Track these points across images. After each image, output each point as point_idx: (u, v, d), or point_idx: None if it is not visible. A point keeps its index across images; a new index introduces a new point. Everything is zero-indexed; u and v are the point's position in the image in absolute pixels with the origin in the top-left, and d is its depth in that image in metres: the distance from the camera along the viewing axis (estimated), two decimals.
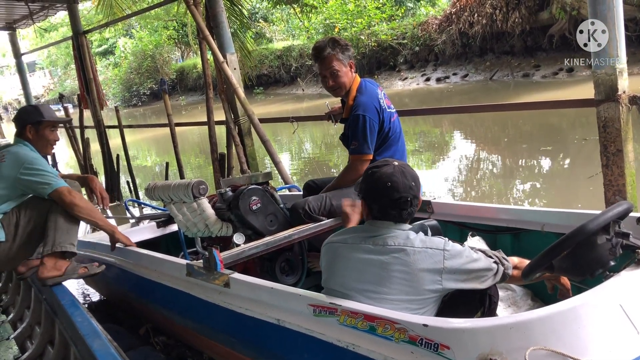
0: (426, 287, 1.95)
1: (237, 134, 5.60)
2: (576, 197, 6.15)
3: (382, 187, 2.03)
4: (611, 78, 3.00)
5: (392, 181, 2.02)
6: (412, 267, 1.95)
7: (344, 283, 2.06)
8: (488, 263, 2.03)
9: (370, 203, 2.11)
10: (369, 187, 2.10)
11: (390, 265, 1.97)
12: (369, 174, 2.11)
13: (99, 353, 2.16)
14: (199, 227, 3.26)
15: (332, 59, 3.14)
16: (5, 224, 3.08)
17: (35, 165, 3.09)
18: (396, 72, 19.46)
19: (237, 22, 9.14)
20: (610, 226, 1.92)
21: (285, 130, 12.68)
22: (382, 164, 2.11)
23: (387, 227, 2.06)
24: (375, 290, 1.98)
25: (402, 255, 1.97)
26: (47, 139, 3.33)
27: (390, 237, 2.03)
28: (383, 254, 2.00)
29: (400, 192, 2.01)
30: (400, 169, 2.06)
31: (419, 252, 1.96)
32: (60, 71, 39.00)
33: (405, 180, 2.03)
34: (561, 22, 14.23)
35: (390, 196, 2.02)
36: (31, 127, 3.28)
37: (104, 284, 4.03)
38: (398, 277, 1.96)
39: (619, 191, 3.08)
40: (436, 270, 1.95)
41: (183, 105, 26.43)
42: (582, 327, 1.64)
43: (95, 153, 8.79)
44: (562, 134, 9.48)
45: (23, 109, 3.44)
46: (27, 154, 3.15)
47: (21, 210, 3.12)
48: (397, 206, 2.03)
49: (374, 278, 1.99)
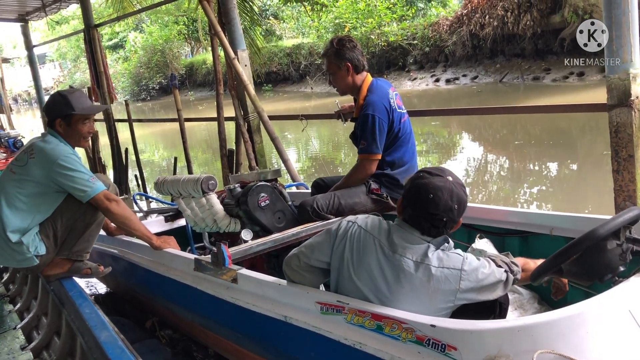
0: (438, 305, 1.92)
1: (246, 131, 5.61)
2: (585, 202, 6.12)
3: (423, 196, 1.93)
4: (624, 83, 2.98)
5: (435, 195, 1.91)
6: (427, 286, 1.90)
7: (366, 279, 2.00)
8: (500, 275, 1.97)
9: (406, 204, 2.01)
10: (412, 190, 1.99)
11: (405, 279, 1.92)
12: (419, 176, 2.00)
13: (106, 344, 2.17)
14: (207, 222, 3.27)
15: (328, 62, 3.22)
16: (45, 237, 2.94)
17: (68, 165, 2.85)
18: (406, 72, 19.42)
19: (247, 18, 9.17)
20: (621, 231, 1.92)
21: (293, 127, 12.69)
22: (436, 172, 1.98)
23: (411, 234, 1.98)
24: (389, 298, 1.94)
25: (419, 273, 1.91)
26: (79, 132, 3.05)
27: (410, 249, 1.95)
28: (400, 266, 1.93)
29: (438, 210, 1.91)
30: (451, 186, 1.94)
31: (435, 272, 1.90)
32: (70, 64, 39.14)
33: (450, 200, 1.91)
34: (573, 26, 14.13)
35: (427, 209, 1.92)
36: (61, 121, 3.01)
37: (110, 276, 4.04)
38: (411, 291, 1.92)
39: (629, 197, 3.06)
40: (451, 291, 1.90)
41: (192, 101, 26.48)
42: (591, 332, 1.64)
43: (103, 146, 8.82)
44: (572, 138, 9.44)
45: (52, 100, 3.08)
46: (57, 150, 2.91)
47: (56, 221, 2.95)
48: (429, 221, 1.94)
49: (389, 285, 1.95)
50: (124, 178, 8.23)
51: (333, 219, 3.06)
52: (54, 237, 2.97)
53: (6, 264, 3.06)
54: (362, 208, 3.12)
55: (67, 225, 2.99)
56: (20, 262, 2.96)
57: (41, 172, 2.88)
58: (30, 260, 2.93)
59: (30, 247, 2.89)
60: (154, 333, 3.52)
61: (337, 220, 3.07)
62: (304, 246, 2.22)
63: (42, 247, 2.94)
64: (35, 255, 2.92)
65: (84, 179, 2.87)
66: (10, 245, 2.88)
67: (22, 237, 2.88)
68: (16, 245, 2.88)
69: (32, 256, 2.92)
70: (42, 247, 2.94)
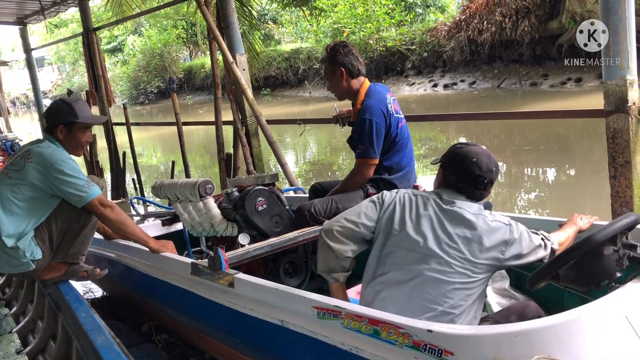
0: (491, 253, 2.03)
1: (244, 135, 5.61)
2: (582, 208, 6.13)
3: (466, 161, 2.13)
4: (621, 89, 2.99)
5: (478, 159, 2.12)
6: (485, 231, 2.03)
7: (422, 231, 2.09)
8: (537, 240, 2.12)
9: (448, 173, 2.19)
10: (452, 158, 2.19)
11: (465, 225, 2.05)
12: (457, 148, 2.21)
13: (102, 349, 2.16)
14: (205, 226, 3.27)
15: (324, 68, 3.27)
16: (40, 241, 2.94)
17: (65, 170, 2.86)
18: (404, 77, 19.45)
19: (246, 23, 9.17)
20: (618, 237, 1.92)
21: (290, 131, 12.70)
22: (471, 143, 2.22)
23: (457, 197, 2.14)
24: (449, 244, 2.03)
25: (479, 220, 2.05)
26: (79, 140, 3.09)
27: (466, 204, 2.11)
28: (460, 215, 2.07)
29: (482, 171, 2.11)
30: (487, 152, 2.18)
31: (490, 223, 2.05)
32: (69, 67, 39.17)
33: (489, 162, 2.14)
34: (570, 32, 14.19)
35: (471, 172, 2.12)
36: (63, 128, 3.03)
37: (107, 280, 4.04)
38: (470, 235, 2.03)
39: (626, 202, 3.07)
40: (503, 241, 2.04)
41: (190, 105, 26.49)
42: (587, 338, 1.64)
43: (101, 150, 8.81)
44: (570, 144, 9.46)
45: (55, 106, 3.10)
46: (55, 155, 2.92)
47: (51, 224, 2.95)
48: (473, 183, 2.13)
49: (449, 233, 2.05)
50: (122, 182, 8.23)
51: None
52: (49, 240, 2.96)
53: (2, 270, 3.04)
54: None
55: (62, 228, 2.98)
56: (16, 267, 2.95)
57: (38, 176, 2.88)
58: (26, 265, 2.92)
59: (26, 252, 2.88)
60: (150, 337, 3.51)
61: None
62: (346, 214, 2.29)
63: (38, 252, 2.93)
64: (31, 260, 2.91)
65: (80, 185, 2.88)
66: (6, 250, 2.87)
67: (17, 242, 2.86)
68: (12, 251, 2.87)
69: (29, 261, 2.91)
70: (38, 252, 2.93)
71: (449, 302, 1.99)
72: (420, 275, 2.03)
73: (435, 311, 1.99)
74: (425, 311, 1.99)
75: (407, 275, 2.05)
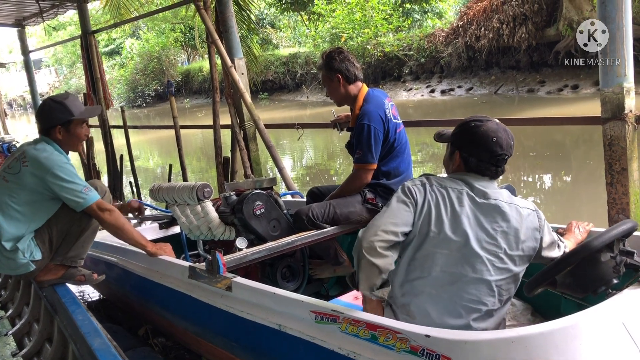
0: (528, 243, 2.01)
1: (242, 139, 5.61)
2: (579, 215, 6.14)
3: (487, 141, 2.04)
4: (618, 97, 3.01)
5: (497, 137, 2.03)
6: (520, 223, 2.00)
7: (464, 232, 2.00)
8: (555, 236, 2.13)
9: (467, 155, 2.10)
10: (471, 139, 2.08)
11: (502, 219, 2.00)
12: (472, 126, 2.09)
13: (99, 352, 2.15)
14: (202, 230, 3.26)
15: (322, 75, 3.30)
16: (40, 242, 2.92)
17: (62, 175, 2.82)
18: (401, 82, 19.51)
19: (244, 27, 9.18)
20: (615, 244, 1.93)
21: (288, 136, 12.71)
22: (484, 118, 2.11)
23: (483, 181, 2.08)
24: (489, 241, 1.98)
25: (512, 211, 2.01)
26: (78, 137, 3.05)
27: (498, 192, 2.06)
28: (497, 208, 2.02)
29: (503, 149, 2.04)
30: (504, 126, 2.08)
31: (521, 211, 2.02)
32: (66, 69, 39.11)
33: (508, 138, 2.06)
34: (567, 39, 14.27)
35: (493, 152, 2.03)
36: (61, 128, 2.98)
37: (104, 283, 4.02)
38: (508, 228, 1.99)
39: (622, 209, 3.08)
40: (535, 228, 2.03)
41: (188, 108, 26.48)
42: (584, 344, 1.64)
43: (98, 152, 8.80)
44: (566, 150, 9.49)
45: (47, 107, 3.03)
46: (52, 159, 2.87)
47: (52, 226, 2.93)
48: (495, 162, 2.05)
49: (487, 230, 1.99)
50: (119, 184, 8.22)
51: (328, 228, 3.07)
52: (49, 242, 2.95)
53: (2, 271, 3.03)
54: (357, 217, 3.12)
55: (63, 230, 2.97)
56: (16, 270, 2.94)
57: (35, 181, 2.86)
58: (26, 267, 2.91)
59: (25, 253, 2.87)
60: (147, 341, 3.50)
61: (333, 229, 3.07)
62: (382, 223, 2.02)
63: (38, 252, 2.92)
64: (31, 260, 2.90)
65: (78, 190, 2.85)
66: (5, 254, 2.86)
67: (17, 244, 2.86)
68: (11, 254, 2.86)
69: (28, 262, 2.90)
70: (38, 252, 2.92)
71: (492, 300, 1.96)
72: (462, 278, 1.96)
73: (481, 312, 1.96)
74: (471, 312, 1.96)
75: (449, 277, 1.98)
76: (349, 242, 3.71)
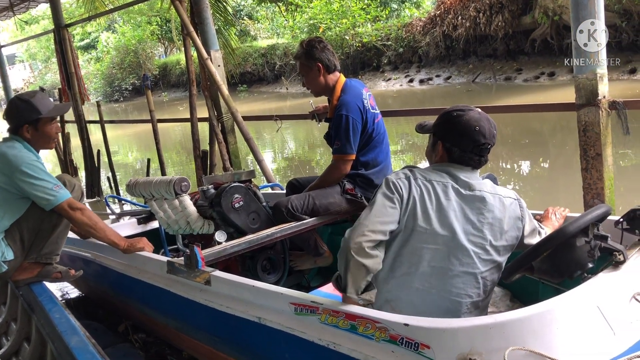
0: (511, 233, 2.05)
1: (220, 131, 5.57)
2: (556, 201, 6.22)
3: (469, 131, 2.03)
4: (592, 83, 3.05)
5: (480, 126, 2.03)
6: (504, 213, 2.03)
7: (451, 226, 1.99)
8: (535, 224, 2.18)
9: (450, 145, 2.09)
10: (453, 129, 2.08)
11: (487, 210, 2.01)
12: (454, 116, 2.08)
13: (77, 350, 2.13)
14: (181, 224, 3.24)
15: (300, 64, 3.24)
16: (11, 242, 2.88)
17: (31, 172, 2.78)
18: (380, 72, 19.51)
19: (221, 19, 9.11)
20: (590, 229, 1.95)
21: (268, 128, 12.65)
22: (466, 108, 2.11)
23: (466, 171, 2.08)
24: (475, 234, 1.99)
25: (496, 202, 2.03)
26: (48, 135, 3.00)
27: (482, 183, 2.07)
28: (482, 199, 2.03)
29: (486, 138, 2.04)
30: (486, 115, 2.09)
31: (504, 201, 2.05)
32: (41, 64, 38.44)
33: (490, 126, 2.06)
34: (543, 27, 14.40)
35: (476, 142, 2.03)
36: (29, 127, 2.93)
37: (82, 280, 3.99)
38: (493, 219, 2.01)
39: (597, 194, 3.13)
40: (517, 217, 2.07)
41: (166, 102, 26.22)
42: (560, 328, 1.66)
43: (75, 148, 8.68)
44: (543, 137, 9.59)
45: (14, 105, 2.97)
46: (20, 157, 2.82)
47: (22, 224, 2.89)
48: (479, 152, 2.05)
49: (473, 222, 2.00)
50: (97, 180, 8.12)
51: (308, 220, 3.06)
52: (20, 240, 2.90)
53: None
54: (336, 208, 3.12)
55: (34, 228, 2.92)
56: None
57: (3, 179, 2.81)
58: None
59: None
60: (127, 337, 3.47)
61: (312, 220, 3.07)
62: (369, 222, 1.96)
63: (10, 252, 2.87)
64: (2, 261, 2.86)
65: (48, 187, 2.80)
66: None
67: None
68: None
69: (0, 262, 2.85)
70: (10, 252, 2.87)
71: (477, 291, 1.98)
72: (449, 272, 1.97)
73: (468, 304, 1.98)
74: (458, 305, 1.97)
75: (436, 272, 1.98)
76: (329, 233, 3.72)
